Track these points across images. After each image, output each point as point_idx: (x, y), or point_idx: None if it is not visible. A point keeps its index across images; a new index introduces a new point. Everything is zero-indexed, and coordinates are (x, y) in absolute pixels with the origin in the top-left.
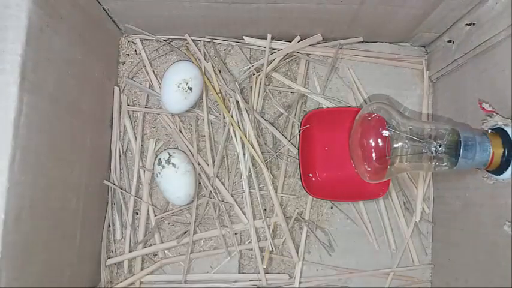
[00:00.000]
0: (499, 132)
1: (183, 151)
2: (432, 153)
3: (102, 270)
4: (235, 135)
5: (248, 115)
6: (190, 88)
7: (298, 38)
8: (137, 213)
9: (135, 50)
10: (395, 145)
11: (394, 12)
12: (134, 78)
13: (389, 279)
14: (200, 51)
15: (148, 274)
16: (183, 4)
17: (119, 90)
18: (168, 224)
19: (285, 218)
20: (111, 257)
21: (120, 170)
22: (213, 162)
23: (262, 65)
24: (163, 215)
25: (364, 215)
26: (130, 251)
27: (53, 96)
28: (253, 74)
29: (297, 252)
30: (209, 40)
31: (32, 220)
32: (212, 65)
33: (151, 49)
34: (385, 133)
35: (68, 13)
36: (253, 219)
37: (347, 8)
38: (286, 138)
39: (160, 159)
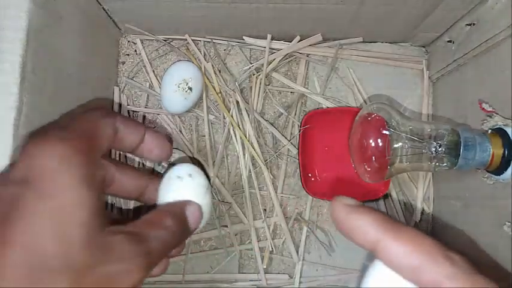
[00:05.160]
0: (499, 132)
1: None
2: (432, 153)
3: None
4: (235, 135)
5: (248, 115)
6: (190, 88)
7: (298, 38)
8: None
9: (135, 50)
10: (395, 145)
11: (394, 12)
12: (134, 79)
13: None
14: (200, 51)
15: None
16: (183, 4)
17: (119, 90)
18: None
19: (284, 218)
20: None
21: None
22: (213, 162)
23: (262, 65)
24: None
25: None
26: None
27: (53, 96)
28: (253, 74)
29: (297, 252)
30: (209, 40)
31: None
32: (212, 65)
33: (151, 49)
34: (385, 133)
35: (68, 13)
36: (253, 219)
37: (347, 8)
38: (286, 138)
39: None
